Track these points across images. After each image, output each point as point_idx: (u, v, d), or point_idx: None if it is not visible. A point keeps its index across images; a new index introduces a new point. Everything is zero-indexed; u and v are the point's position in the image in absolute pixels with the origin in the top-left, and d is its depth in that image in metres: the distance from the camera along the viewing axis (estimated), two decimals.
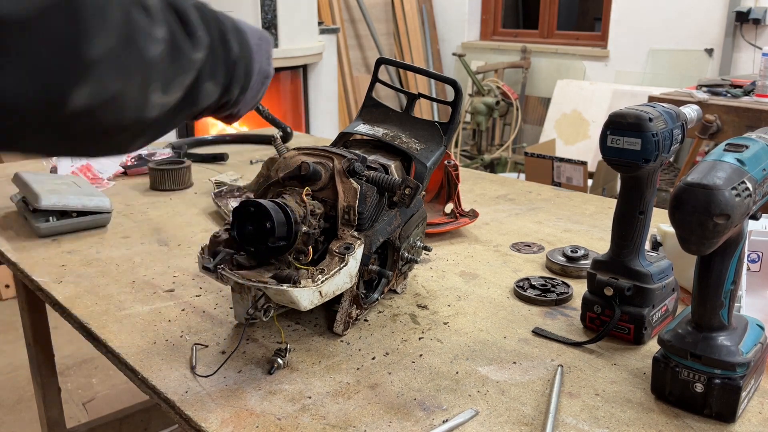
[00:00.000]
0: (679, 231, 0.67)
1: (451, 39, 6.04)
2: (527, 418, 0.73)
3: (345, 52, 5.23)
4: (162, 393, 0.78)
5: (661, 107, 0.85)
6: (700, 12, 4.56)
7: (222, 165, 1.85)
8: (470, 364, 0.84)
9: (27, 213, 1.31)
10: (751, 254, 0.98)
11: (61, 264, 1.14)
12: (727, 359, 0.70)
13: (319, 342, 0.89)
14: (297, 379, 0.80)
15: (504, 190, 1.61)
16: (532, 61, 5.56)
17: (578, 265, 1.10)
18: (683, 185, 0.65)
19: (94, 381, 2.57)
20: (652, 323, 0.87)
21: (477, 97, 5.35)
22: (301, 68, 3.88)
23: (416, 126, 1.03)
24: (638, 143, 0.80)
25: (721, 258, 0.71)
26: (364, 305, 0.93)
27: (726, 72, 4.43)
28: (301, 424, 0.72)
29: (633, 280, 0.86)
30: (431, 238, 1.25)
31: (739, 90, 2.96)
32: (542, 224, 1.35)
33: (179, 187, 1.59)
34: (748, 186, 0.66)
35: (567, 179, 3.85)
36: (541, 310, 0.98)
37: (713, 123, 2.76)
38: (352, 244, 0.83)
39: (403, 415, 0.73)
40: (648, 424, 0.72)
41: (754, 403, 0.75)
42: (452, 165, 1.30)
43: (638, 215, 0.86)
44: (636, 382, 0.79)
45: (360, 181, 0.86)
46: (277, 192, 0.86)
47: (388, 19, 5.75)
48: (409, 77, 5.57)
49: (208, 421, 0.72)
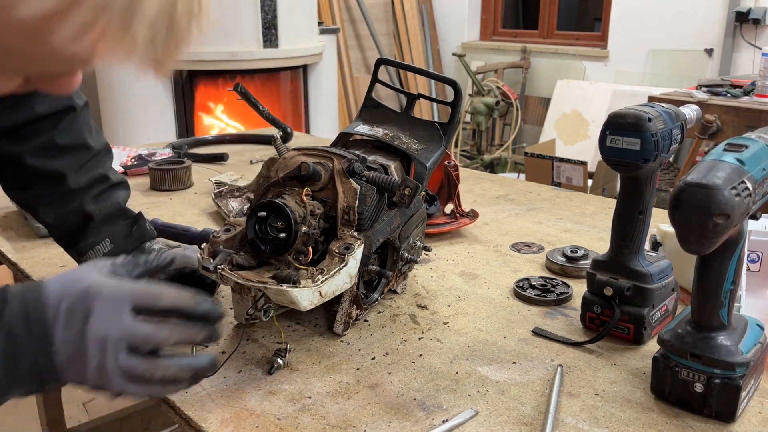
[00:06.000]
0: (679, 231, 0.67)
1: (451, 39, 6.04)
2: (527, 418, 0.73)
3: (345, 53, 5.23)
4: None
5: (661, 107, 0.85)
6: (700, 12, 4.56)
7: (222, 165, 1.85)
8: (470, 364, 0.84)
9: (27, 213, 1.31)
10: (751, 254, 0.98)
11: (61, 264, 1.14)
12: (726, 359, 0.70)
13: (319, 342, 0.89)
14: (297, 379, 0.81)
15: (504, 190, 1.61)
16: (532, 61, 5.56)
17: (578, 265, 1.10)
18: (683, 185, 0.65)
19: None
20: (651, 323, 0.87)
21: (477, 98, 5.35)
22: (301, 68, 3.88)
23: (416, 126, 1.03)
24: (637, 143, 0.81)
25: (721, 258, 0.71)
26: (364, 305, 0.93)
27: (726, 72, 4.43)
28: (301, 424, 0.72)
29: (633, 280, 0.86)
30: (431, 238, 1.25)
31: (738, 90, 2.96)
32: (542, 224, 1.35)
33: (179, 187, 1.59)
34: (747, 186, 0.66)
35: (567, 179, 3.85)
36: (541, 310, 0.98)
37: (713, 123, 2.76)
38: (351, 245, 0.83)
39: (403, 415, 0.73)
40: (648, 423, 0.72)
41: (753, 403, 0.75)
42: (452, 165, 1.30)
43: (638, 215, 0.86)
44: (636, 382, 0.79)
45: (360, 182, 0.86)
46: (277, 192, 0.86)
47: (388, 19, 5.74)
48: (409, 77, 5.56)
49: (208, 421, 0.72)
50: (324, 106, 4.11)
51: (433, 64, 6.01)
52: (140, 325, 0.62)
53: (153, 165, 1.61)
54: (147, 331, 0.63)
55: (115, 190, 1.00)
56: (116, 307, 0.62)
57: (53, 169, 0.95)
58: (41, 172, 0.95)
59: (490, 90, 5.36)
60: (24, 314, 0.60)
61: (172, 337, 0.63)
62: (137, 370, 0.63)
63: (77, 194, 0.97)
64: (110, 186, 1.00)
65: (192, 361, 0.66)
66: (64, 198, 0.96)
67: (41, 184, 0.96)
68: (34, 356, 0.60)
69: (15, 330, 0.60)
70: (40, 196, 0.97)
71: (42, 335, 0.61)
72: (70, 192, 0.96)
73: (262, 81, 3.64)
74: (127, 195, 1.03)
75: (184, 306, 0.65)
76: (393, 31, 5.79)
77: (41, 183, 0.96)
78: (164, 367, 0.64)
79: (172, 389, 0.69)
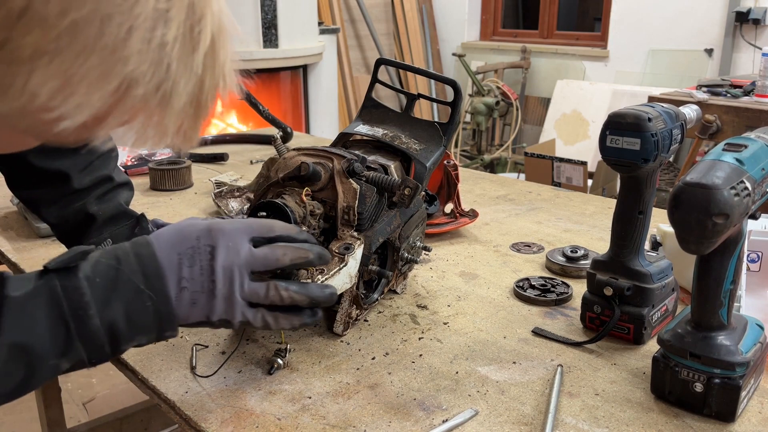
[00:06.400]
0: (679, 231, 0.67)
1: (451, 39, 6.04)
2: (527, 417, 0.73)
3: (345, 52, 5.23)
4: (162, 393, 0.78)
5: (661, 107, 0.85)
6: (700, 12, 4.57)
7: (222, 165, 1.85)
8: (470, 364, 0.84)
9: (27, 213, 1.31)
10: (751, 254, 0.98)
11: None
12: (726, 359, 0.70)
13: (319, 342, 0.89)
14: (297, 379, 0.81)
15: (504, 190, 1.61)
16: (532, 62, 5.56)
17: (578, 265, 1.10)
18: (682, 185, 0.65)
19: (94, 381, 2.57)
20: (651, 323, 0.87)
21: (477, 98, 5.35)
22: (301, 68, 3.88)
23: (416, 126, 1.03)
24: (637, 143, 0.81)
25: (721, 258, 0.71)
26: (364, 305, 0.93)
27: (726, 72, 4.43)
28: (301, 424, 0.72)
29: (632, 280, 0.86)
30: (431, 238, 1.25)
31: (738, 90, 2.96)
32: (542, 224, 1.35)
33: (179, 187, 1.59)
34: (747, 185, 0.66)
35: (567, 179, 3.85)
36: (541, 310, 0.98)
37: (713, 123, 2.76)
38: (351, 245, 0.83)
39: (403, 415, 0.73)
40: (648, 423, 0.72)
41: (753, 402, 0.75)
42: (452, 165, 1.30)
43: (638, 215, 0.86)
44: (636, 381, 0.79)
45: (359, 182, 0.86)
46: (277, 192, 0.86)
47: (388, 19, 5.75)
48: (409, 77, 5.57)
49: (208, 421, 0.72)
50: (324, 106, 4.11)
51: (433, 64, 6.01)
52: (257, 251, 0.69)
53: (153, 165, 1.61)
54: (264, 252, 0.69)
55: (119, 191, 1.01)
56: (238, 239, 0.68)
57: (58, 169, 0.96)
58: (46, 172, 0.96)
59: (490, 90, 5.36)
60: (141, 269, 0.65)
61: (287, 255, 0.70)
62: (260, 292, 0.69)
63: (81, 194, 0.97)
64: (114, 187, 1.00)
65: (306, 286, 0.72)
66: (68, 198, 0.97)
67: (45, 183, 0.97)
68: (155, 306, 0.65)
69: (136, 284, 0.64)
70: (43, 196, 0.98)
71: (160, 288, 0.65)
72: (73, 192, 0.97)
73: (262, 81, 3.64)
74: (130, 196, 1.03)
75: (290, 233, 0.73)
76: (393, 31, 5.79)
77: (45, 182, 0.97)
78: (283, 287, 0.70)
79: (294, 320, 0.73)
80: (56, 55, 0.41)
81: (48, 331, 0.60)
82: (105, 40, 0.42)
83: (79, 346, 0.62)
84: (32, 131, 0.48)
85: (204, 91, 0.49)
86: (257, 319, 0.70)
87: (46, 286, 0.61)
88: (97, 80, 0.43)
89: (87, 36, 0.41)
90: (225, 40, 0.50)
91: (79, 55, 0.42)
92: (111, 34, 0.42)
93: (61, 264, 0.62)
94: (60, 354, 0.62)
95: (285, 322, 0.72)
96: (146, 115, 0.47)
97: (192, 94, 0.48)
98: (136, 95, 0.45)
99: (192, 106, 0.48)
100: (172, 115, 0.48)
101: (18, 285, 0.61)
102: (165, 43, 0.44)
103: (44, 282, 0.61)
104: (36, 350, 0.60)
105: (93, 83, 0.43)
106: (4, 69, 0.41)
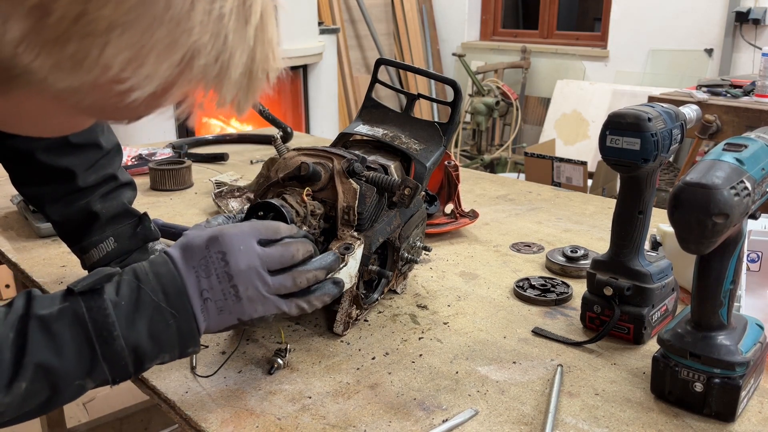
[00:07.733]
0: (678, 230, 0.67)
1: (451, 39, 6.04)
2: (527, 417, 0.73)
3: (345, 52, 5.23)
4: (162, 393, 0.78)
5: (661, 107, 0.85)
6: (700, 12, 4.56)
7: (222, 165, 1.85)
8: (470, 363, 0.84)
9: (27, 213, 1.31)
10: (751, 254, 0.98)
11: (61, 264, 1.14)
12: (726, 359, 0.70)
13: (319, 342, 0.89)
14: (297, 379, 0.81)
15: (504, 190, 1.61)
16: (532, 62, 5.56)
17: (578, 265, 1.10)
18: (682, 185, 0.65)
19: None
20: (651, 323, 0.87)
21: (477, 98, 5.35)
22: (301, 68, 3.88)
23: (416, 126, 1.03)
24: (637, 143, 0.81)
25: (721, 257, 0.71)
26: (364, 305, 0.93)
27: (726, 72, 4.43)
28: (301, 424, 0.72)
29: (632, 280, 0.86)
30: (431, 238, 1.25)
31: (738, 90, 2.96)
32: (542, 224, 1.35)
33: (179, 187, 1.59)
34: (747, 185, 0.66)
35: (567, 179, 3.85)
36: (541, 310, 0.98)
37: (713, 123, 2.76)
38: (351, 245, 0.83)
39: (403, 415, 0.73)
40: (647, 423, 0.72)
41: (753, 402, 0.75)
42: (452, 165, 1.30)
43: (638, 215, 0.86)
44: (635, 381, 0.79)
45: (359, 182, 0.86)
46: (278, 192, 0.86)
47: (388, 19, 5.74)
48: (409, 77, 5.56)
49: (208, 421, 0.72)
50: (324, 106, 4.11)
51: (433, 64, 6.01)
52: (270, 250, 0.71)
53: (153, 165, 1.61)
54: (279, 251, 0.71)
55: (123, 190, 1.01)
56: (246, 242, 0.70)
57: (64, 167, 0.96)
58: (52, 169, 0.96)
59: (490, 90, 5.36)
60: (162, 288, 0.66)
61: (299, 252, 0.72)
62: (288, 283, 0.71)
63: (85, 193, 0.97)
64: (118, 186, 1.01)
65: (316, 261, 0.74)
66: (72, 196, 0.97)
67: (51, 180, 0.97)
68: (177, 324, 0.66)
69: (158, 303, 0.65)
70: (48, 193, 0.98)
71: (182, 305, 0.66)
72: (78, 190, 0.97)
73: None
74: (133, 195, 1.04)
75: (293, 233, 0.75)
76: (393, 31, 5.79)
77: (51, 180, 0.97)
78: (305, 271, 0.72)
79: (324, 297, 0.75)
80: (128, 27, 0.43)
81: (74, 352, 0.61)
82: (172, 12, 0.44)
83: (104, 367, 0.63)
84: (98, 105, 0.49)
85: (256, 63, 0.50)
86: (292, 308, 0.72)
87: (71, 308, 0.62)
88: (164, 51, 0.45)
89: (156, 8, 0.43)
90: (271, 16, 0.51)
91: (149, 27, 0.43)
92: (177, 6, 0.44)
93: (87, 287, 0.63)
94: (85, 375, 0.62)
95: (317, 301, 0.75)
96: (205, 86, 0.49)
97: (246, 65, 0.49)
98: (198, 65, 0.46)
99: (246, 77, 0.50)
100: (229, 86, 0.49)
101: (44, 304, 0.62)
102: (222, 15, 0.46)
103: (69, 304, 0.62)
104: (61, 371, 0.61)
105: (161, 54, 0.45)
106: (79, 42, 0.42)
